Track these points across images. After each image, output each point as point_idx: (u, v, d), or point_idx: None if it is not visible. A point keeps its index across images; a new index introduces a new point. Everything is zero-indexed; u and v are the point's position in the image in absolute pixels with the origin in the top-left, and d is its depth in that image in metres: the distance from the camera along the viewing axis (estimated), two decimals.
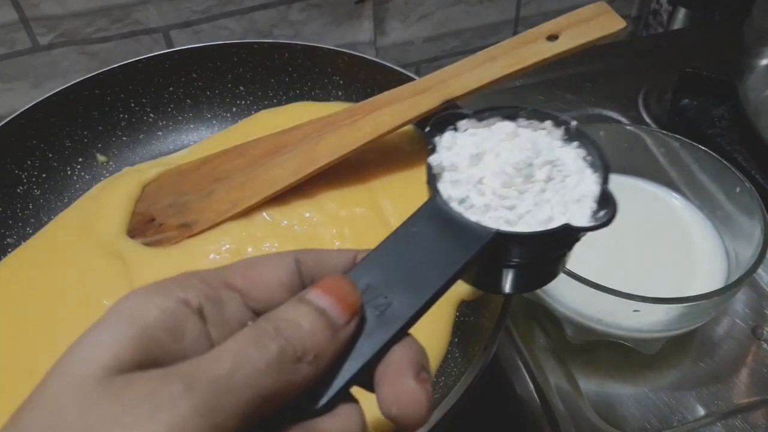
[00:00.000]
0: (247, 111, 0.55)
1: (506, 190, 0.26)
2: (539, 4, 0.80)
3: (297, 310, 0.20)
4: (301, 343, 0.19)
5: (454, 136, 0.28)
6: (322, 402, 0.20)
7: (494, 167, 0.27)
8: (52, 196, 0.50)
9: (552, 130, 0.29)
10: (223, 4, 0.66)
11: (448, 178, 0.27)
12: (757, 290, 0.47)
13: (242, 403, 0.18)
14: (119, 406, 0.17)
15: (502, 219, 0.26)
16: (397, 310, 0.22)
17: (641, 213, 0.47)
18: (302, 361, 0.19)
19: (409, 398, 0.20)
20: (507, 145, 0.28)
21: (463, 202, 0.26)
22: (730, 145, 0.55)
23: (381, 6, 0.73)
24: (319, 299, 0.21)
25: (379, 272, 0.23)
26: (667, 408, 0.41)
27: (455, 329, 0.41)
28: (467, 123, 0.29)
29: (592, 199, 0.27)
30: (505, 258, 0.26)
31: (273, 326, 0.19)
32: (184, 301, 0.20)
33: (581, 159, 0.28)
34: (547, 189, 0.27)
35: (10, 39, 0.62)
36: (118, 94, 0.52)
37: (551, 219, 0.26)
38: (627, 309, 0.38)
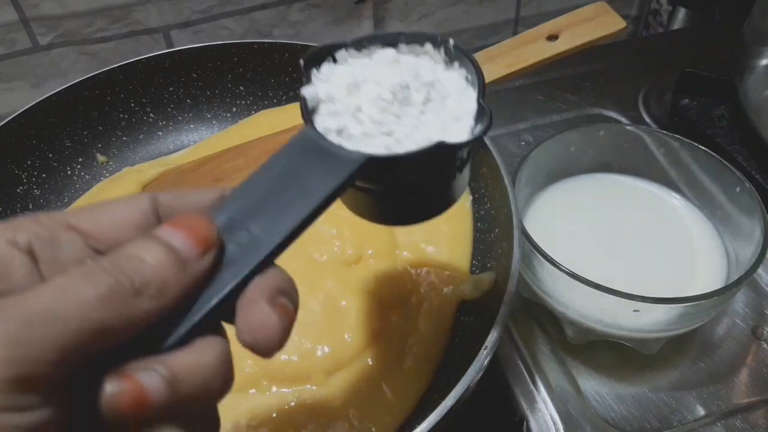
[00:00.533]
0: (247, 111, 0.55)
1: (383, 115, 0.26)
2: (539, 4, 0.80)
3: (141, 246, 0.20)
4: (140, 277, 0.19)
5: (333, 68, 0.28)
6: (175, 337, 0.20)
7: (371, 94, 0.26)
8: (52, 196, 0.50)
9: (434, 53, 0.29)
10: (223, 4, 0.66)
11: (325, 111, 0.26)
12: (757, 290, 0.47)
13: (62, 335, 0.17)
14: None
15: (381, 146, 0.25)
16: (259, 241, 0.22)
17: (641, 213, 0.47)
18: (142, 295, 0.18)
19: (260, 323, 0.20)
20: (386, 71, 0.27)
21: (341, 133, 0.25)
22: (730, 145, 0.55)
23: (381, 6, 0.73)
24: (167, 234, 0.20)
25: (243, 206, 0.22)
26: (667, 408, 0.41)
27: (455, 329, 0.41)
28: (346, 54, 0.28)
29: (471, 117, 0.26)
30: (388, 184, 0.26)
31: (110, 262, 0.19)
32: (10, 240, 0.19)
33: (463, 79, 0.28)
34: (426, 111, 0.27)
35: (10, 39, 0.62)
36: (118, 94, 0.52)
37: (429, 140, 0.25)
38: (627, 309, 0.37)
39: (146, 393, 0.18)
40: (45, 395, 0.17)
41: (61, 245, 0.20)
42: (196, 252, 0.20)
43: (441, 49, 0.28)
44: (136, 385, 0.18)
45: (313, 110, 0.26)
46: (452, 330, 0.41)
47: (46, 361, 0.17)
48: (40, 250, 0.19)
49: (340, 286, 0.41)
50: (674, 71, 0.61)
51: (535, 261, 0.40)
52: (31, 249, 0.19)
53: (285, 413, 0.37)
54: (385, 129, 0.26)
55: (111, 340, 0.18)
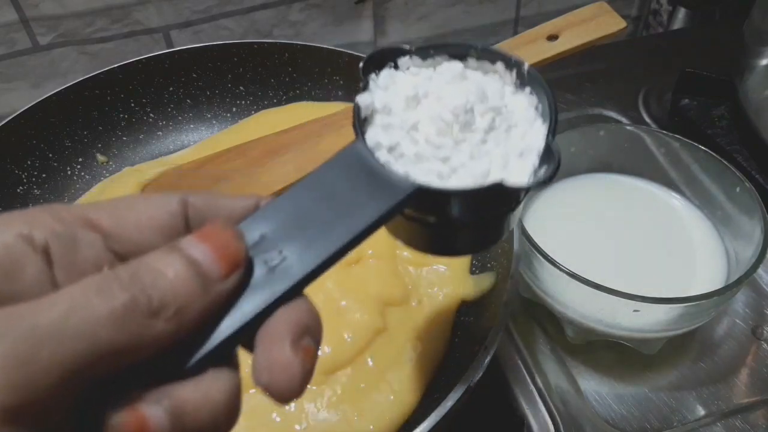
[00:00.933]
0: (247, 111, 0.55)
1: (441, 138, 0.23)
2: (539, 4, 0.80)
3: (164, 258, 0.18)
4: (159, 294, 0.17)
5: (394, 75, 0.25)
6: (186, 364, 0.18)
7: (431, 112, 0.24)
8: (52, 197, 0.50)
9: (504, 73, 0.26)
10: (223, 4, 0.66)
11: (379, 123, 0.24)
12: (757, 290, 0.47)
13: (68, 356, 0.15)
14: None
15: (433, 172, 0.23)
16: (290, 267, 0.19)
17: (641, 213, 0.47)
18: (158, 316, 0.17)
19: (280, 367, 0.18)
20: (451, 88, 0.25)
21: (393, 150, 0.23)
22: (730, 145, 0.55)
23: (381, 6, 0.73)
24: (192, 247, 0.18)
25: (278, 222, 0.20)
26: (667, 408, 0.41)
27: (455, 329, 0.41)
28: (409, 61, 0.26)
29: (536, 154, 0.23)
30: (433, 216, 0.23)
31: (130, 273, 0.17)
32: (25, 237, 0.17)
33: (533, 108, 0.25)
34: (488, 140, 0.24)
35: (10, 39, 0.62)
36: (118, 94, 0.52)
37: (487, 174, 0.23)
38: (627, 309, 0.37)
39: (149, 427, 0.17)
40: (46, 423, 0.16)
41: (80, 246, 0.18)
42: (219, 272, 0.18)
43: (513, 71, 0.25)
44: (140, 418, 0.17)
45: (365, 120, 0.24)
46: (452, 330, 0.41)
47: (49, 385, 0.15)
48: (56, 250, 0.18)
49: (340, 286, 0.41)
50: (674, 71, 0.61)
51: (535, 261, 0.40)
52: (47, 248, 0.18)
53: (285, 414, 0.37)
54: (441, 154, 0.23)
55: (119, 363, 0.16)
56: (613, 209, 0.47)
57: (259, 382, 0.18)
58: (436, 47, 0.26)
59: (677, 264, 0.43)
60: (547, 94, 0.25)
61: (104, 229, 0.19)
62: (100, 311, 0.16)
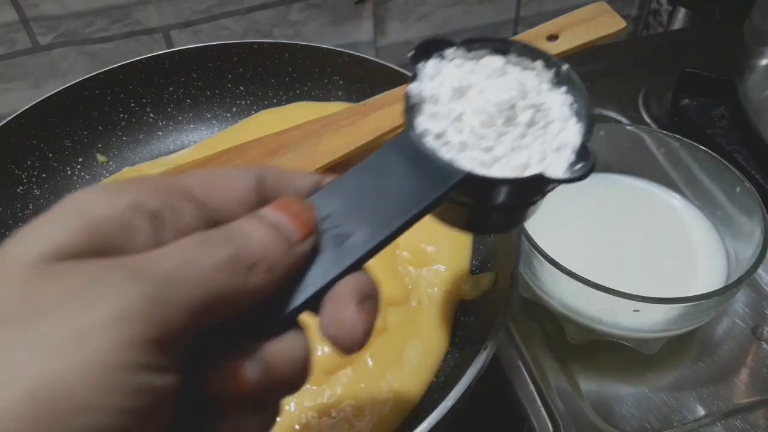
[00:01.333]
0: (247, 111, 0.55)
1: (485, 129, 0.25)
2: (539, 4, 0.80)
3: (250, 223, 0.20)
4: (252, 253, 0.19)
5: (440, 64, 0.27)
6: (270, 324, 0.20)
7: (476, 104, 0.26)
8: (52, 197, 0.50)
9: (542, 71, 0.27)
10: (223, 4, 0.66)
11: (427, 111, 0.26)
12: (757, 290, 0.47)
13: (189, 299, 0.17)
14: (61, 288, 0.16)
15: (476, 160, 0.25)
16: (354, 243, 0.22)
17: (641, 213, 0.47)
18: (255, 270, 0.19)
19: (346, 323, 0.20)
20: (493, 82, 0.27)
21: (440, 138, 0.25)
22: (730, 145, 0.55)
23: (381, 6, 0.73)
24: (272, 215, 0.21)
25: (341, 201, 0.23)
26: (667, 408, 0.41)
27: (455, 329, 0.41)
28: (455, 52, 0.27)
29: (571, 150, 0.25)
30: (473, 199, 0.25)
31: (224, 235, 0.19)
32: (137, 203, 0.19)
33: (567, 106, 0.26)
34: (528, 134, 0.26)
35: (10, 39, 0.62)
36: (118, 94, 0.52)
37: (527, 166, 0.25)
38: (627, 309, 0.37)
39: (245, 378, 0.19)
40: (175, 359, 0.17)
41: (180, 214, 0.20)
42: (299, 234, 0.21)
43: (552, 70, 0.27)
44: (236, 369, 0.19)
45: (414, 108, 0.25)
46: (452, 330, 0.41)
47: (179, 323, 0.17)
48: (162, 216, 0.19)
49: None
50: (674, 71, 0.61)
51: (535, 261, 0.40)
52: (155, 215, 0.19)
53: (284, 414, 0.37)
54: (484, 144, 0.25)
55: (222, 312, 0.18)
56: (613, 209, 0.47)
57: (327, 335, 0.20)
58: (481, 41, 0.27)
59: (677, 264, 0.43)
60: (583, 95, 0.26)
61: (197, 199, 0.20)
62: (208, 263, 0.18)
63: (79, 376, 0.15)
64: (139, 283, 0.16)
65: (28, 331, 0.15)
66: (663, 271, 0.43)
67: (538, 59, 0.27)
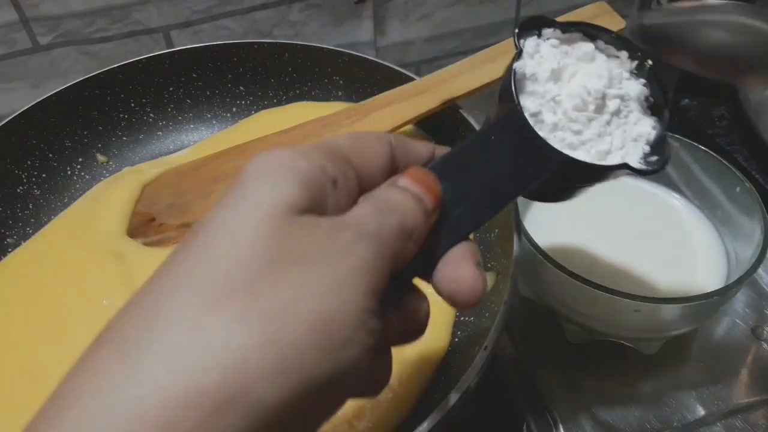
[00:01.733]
0: (247, 111, 0.55)
1: (577, 113, 0.27)
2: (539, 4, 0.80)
3: (399, 194, 0.22)
4: (409, 222, 0.21)
5: (538, 43, 0.28)
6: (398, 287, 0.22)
7: (572, 89, 0.27)
8: (52, 196, 0.50)
9: (626, 61, 0.29)
10: (223, 4, 0.66)
11: (527, 89, 0.27)
12: (758, 290, 0.47)
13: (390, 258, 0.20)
14: (310, 240, 0.18)
15: (565, 141, 0.26)
16: (465, 216, 0.24)
17: (641, 213, 0.47)
18: (410, 237, 0.21)
19: (467, 281, 0.22)
20: (584, 66, 0.28)
21: (535, 116, 0.26)
22: (730, 145, 0.55)
23: (381, 6, 0.73)
24: (412, 187, 0.22)
25: (454, 175, 0.24)
26: (667, 408, 0.41)
27: (455, 329, 0.41)
28: (552, 33, 0.28)
29: (645, 141, 0.27)
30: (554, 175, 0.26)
31: (388, 206, 0.21)
32: (323, 168, 0.21)
33: (644, 98, 0.28)
34: (612, 123, 0.27)
35: (10, 39, 0.62)
36: (118, 94, 0.52)
37: (608, 152, 0.26)
38: (627, 309, 0.37)
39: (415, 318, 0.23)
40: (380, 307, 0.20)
41: (349, 179, 0.22)
42: (432, 206, 0.23)
43: (635, 62, 0.28)
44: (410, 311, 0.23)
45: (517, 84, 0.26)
46: (452, 330, 0.41)
47: (387, 277, 0.20)
48: (337, 182, 0.21)
49: None
50: (674, 71, 0.61)
51: (535, 261, 0.40)
52: (334, 180, 0.21)
53: None
54: (575, 127, 0.26)
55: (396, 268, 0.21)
56: (614, 209, 0.47)
57: (447, 290, 0.23)
58: (576, 24, 0.29)
59: (677, 264, 0.43)
60: (663, 89, 0.28)
61: (356, 166, 0.22)
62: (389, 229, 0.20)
63: (344, 316, 0.18)
64: (369, 242, 0.19)
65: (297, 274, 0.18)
66: (663, 271, 0.43)
67: (624, 49, 0.29)
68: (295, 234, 0.18)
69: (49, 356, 0.39)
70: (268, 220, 0.18)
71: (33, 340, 0.40)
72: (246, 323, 0.17)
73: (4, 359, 0.40)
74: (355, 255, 0.19)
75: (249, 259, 0.17)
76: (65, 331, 0.40)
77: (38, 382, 0.37)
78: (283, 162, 0.20)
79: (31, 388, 0.37)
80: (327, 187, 0.20)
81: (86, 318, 0.40)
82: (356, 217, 0.20)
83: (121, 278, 0.42)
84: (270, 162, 0.20)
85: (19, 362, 0.39)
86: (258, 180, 0.19)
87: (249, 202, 0.19)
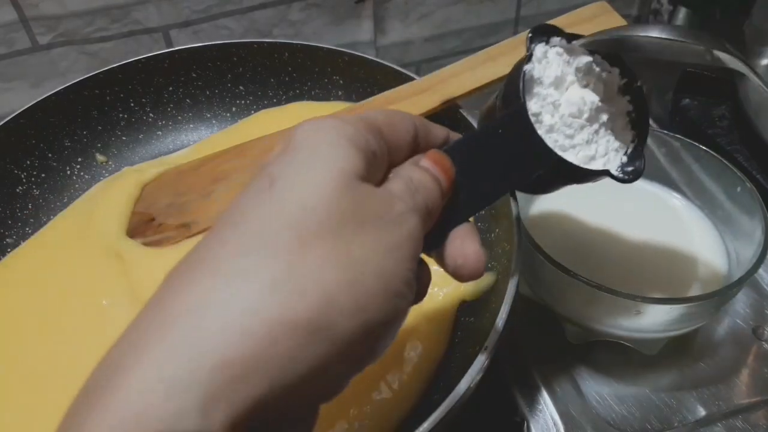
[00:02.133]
0: (246, 111, 0.55)
1: (572, 119, 0.29)
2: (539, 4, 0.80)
3: (422, 174, 0.24)
4: (431, 202, 0.23)
5: (546, 50, 0.30)
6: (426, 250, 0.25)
7: (571, 96, 0.29)
8: (51, 196, 0.50)
9: (617, 77, 0.31)
10: (222, 4, 0.66)
11: (532, 90, 0.29)
12: (758, 290, 0.47)
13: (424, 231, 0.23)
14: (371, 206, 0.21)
15: (558, 143, 0.29)
16: (469, 199, 0.26)
17: (641, 213, 0.47)
18: (431, 216, 0.24)
19: (472, 256, 0.25)
20: (582, 77, 0.30)
21: (536, 116, 0.29)
22: (730, 145, 0.55)
23: (381, 5, 0.73)
24: (432, 169, 0.24)
25: (463, 160, 0.26)
26: (667, 408, 0.41)
27: (455, 329, 0.41)
28: (559, 41, 0.30)
29: (624, 152, 0.30)
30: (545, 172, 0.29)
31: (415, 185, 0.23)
32: (368, 141, 0.22)
33: (627, 112, 0.31)
34: (600, 132, 0.30)
35: (9, 39, 0.61)
36: (117, 94, 0.52)
37: (592, 158, 0.29)
38: (628, 309, 0.37)
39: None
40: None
41: (384, 153, 0.24)
42: (446, 187, 0.25)
43: (624, 79, 0.31)
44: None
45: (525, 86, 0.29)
46: (452, 330, 0.41)
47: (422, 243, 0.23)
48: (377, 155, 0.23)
49: None
50: (675, 71, 0.61)
51: (535, 261, 0.40)
52: (375, 152, 0.23)
53: None
54: (568, 132, 0.29)
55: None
56: (613, 209, 0.47)
57: (454, 264, 0.25)
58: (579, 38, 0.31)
59: (678, 264, 0.43)
60: (646, 109, 0.31)
61: (387, 140, 0.24)
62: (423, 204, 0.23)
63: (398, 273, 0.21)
64: (415, 215, 0.22)
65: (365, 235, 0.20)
66: (663, 271, 0.43)
67: (617, 66, 0.31)
68: (359, 199, 0.21)
69: (48, 356, 0.39)
70: (338, 182, 0.20)
71: (32, 339, 0.40)
72: (335, 266, 0.19)
73: (4, 359, 0.40)
74: (406, 225, 0.22)
75: (326, 214, 0.20)
76: (64, 331, 0.40)
77: (38, 382, 0.37)
78: (339, 129, 0.22)
79: (30, 387, 0.37)
80: (370, 158, 0.22)
81: (85, 317, 0.40)
82: (399, 191, 0.22)
83: (120, 278, 0.42)
84: (328, 128, 0.22)
85: (19, 362, 0.39)
86: (323, 144, 0.21)
87: (319, 163, 0.21)
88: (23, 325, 0.41)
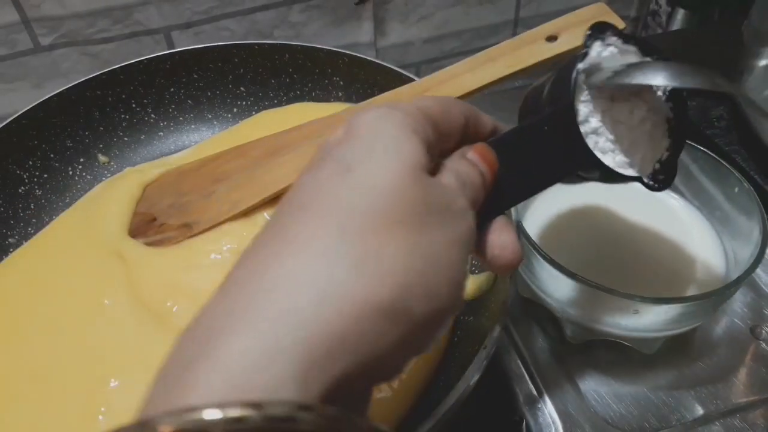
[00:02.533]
0: (247, 111, 0.56)
1: (618, 124, 0.28)
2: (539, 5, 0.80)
3: (470, 168, 0.25)
4: (477, 195, 0.24)
5: (601, 48, 0.29)
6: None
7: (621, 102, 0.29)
8: (53, 197, 0.50)
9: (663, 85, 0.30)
10: (224, 5, 0.67)
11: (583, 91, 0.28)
12: (756, 290, 0.47)
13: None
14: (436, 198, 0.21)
15: (598, 144, 0.28)
16: (508, 192, 0.26)
17: (641, 213, 0.47)
18: (475, 206, 0.24)
19: (510, 247, 0.25)
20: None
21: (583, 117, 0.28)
22: (728, 146, 0.55)
23: (381, 7, 0.73)
24: (479, 162, 0.25)
25: (506, 154, 0.26)
26: (666, 407, 0.41)
27: (455, 329, 0.41)
28: (615, 40, 0.29)
29: (657, 159, 0.29)
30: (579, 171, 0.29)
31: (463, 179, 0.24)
32: (426, 131, 0.23)
33: (666, 119, 0.30)
34: (641, 138, 0.29)
35: (11, 40, 0.62)
36: (119, 95, 0.52)
37: (628, 164, 0.28)
38: (626, 309, 0.38)
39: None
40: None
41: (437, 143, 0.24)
42: (490, 180, 0.25)
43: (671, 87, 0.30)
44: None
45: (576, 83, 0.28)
46: (452, 330, 0.41)
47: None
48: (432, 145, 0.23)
49: None
50: None
51: (535, 261, 0.40)
52: (430, 143, 0.23)
53: None
54: (611, 137, 0.28)
55: None
56: (613, 209, 0.47)
57: (492, 255, 0.26)
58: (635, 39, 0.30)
59: (676, 264, 0.44)
60: (686, 119, 0.30)
61: (440, 130, 0.24)
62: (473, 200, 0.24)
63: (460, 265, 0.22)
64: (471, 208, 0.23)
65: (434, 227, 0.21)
66: (662, 271, 0.43)
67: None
68: (427, 190, 0.21)
69: (50, 355, 0.39)
70: (410, 172, 0.21)
71: (34, 339, 0.40)
72: (410, 254, 0.20)
73: (6, 358, 0.40)
74: (467, 219, 0.23)
75: (401, 203, 0.20)
76: (66, 330, 0.40)
77: (40, 381, 0.38)
78: (402, 120, 0.22)
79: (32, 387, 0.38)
80: (428, 149, 0.23)
81: (87, 317, 0.41)
82: (455, 185, 0.23)
83: (122, 278, 0.42)
84: (392, 118, 0.22)
85: (21, 361, 0.39)
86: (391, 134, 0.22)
87: (391, 153, 0.21)
88: (25, 324, 0.41)
